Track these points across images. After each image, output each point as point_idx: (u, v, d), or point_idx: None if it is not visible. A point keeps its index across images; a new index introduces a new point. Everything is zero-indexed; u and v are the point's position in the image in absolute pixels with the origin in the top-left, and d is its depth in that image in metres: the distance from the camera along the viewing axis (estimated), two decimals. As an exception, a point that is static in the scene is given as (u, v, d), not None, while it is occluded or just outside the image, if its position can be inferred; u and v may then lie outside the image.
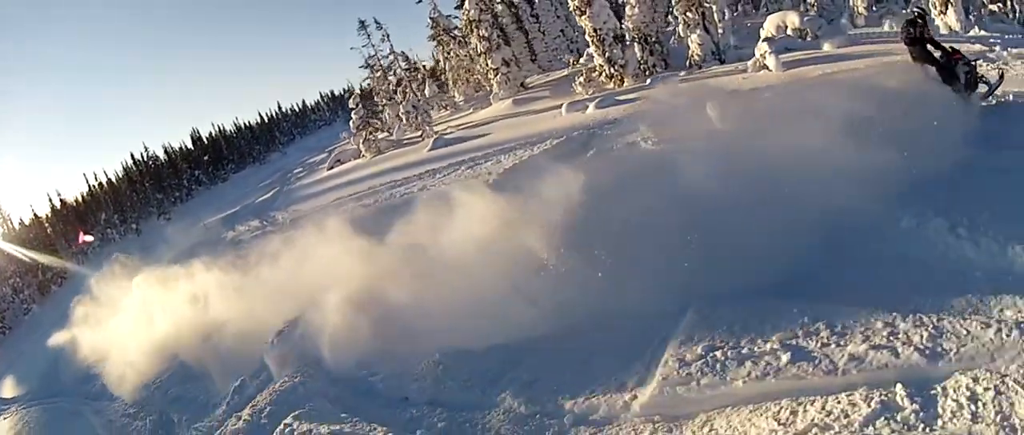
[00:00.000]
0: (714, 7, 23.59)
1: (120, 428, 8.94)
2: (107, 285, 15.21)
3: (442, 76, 33.27)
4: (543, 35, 31.03)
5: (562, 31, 33.58)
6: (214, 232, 25.14)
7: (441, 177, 15.42)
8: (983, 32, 20.50)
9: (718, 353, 5.00)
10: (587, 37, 22.80)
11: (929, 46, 9.87)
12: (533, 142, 14.95)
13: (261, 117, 54.16)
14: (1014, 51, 15.41)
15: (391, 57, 27.55)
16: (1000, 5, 40.56)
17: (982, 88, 10.04)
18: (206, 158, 47.67)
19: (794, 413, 4.51)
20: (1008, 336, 4.73)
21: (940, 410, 4.30)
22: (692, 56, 22.02)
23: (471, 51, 26.87)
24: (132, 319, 12.16)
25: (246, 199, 31.68)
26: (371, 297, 6.65)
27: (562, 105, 18.84)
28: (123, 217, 43.76)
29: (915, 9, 10.74)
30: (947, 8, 22.17)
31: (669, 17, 26.24)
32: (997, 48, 15.50)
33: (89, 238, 41.78)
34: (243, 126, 53.00)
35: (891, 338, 4.93)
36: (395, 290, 6.64)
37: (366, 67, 28.88)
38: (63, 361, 15.02)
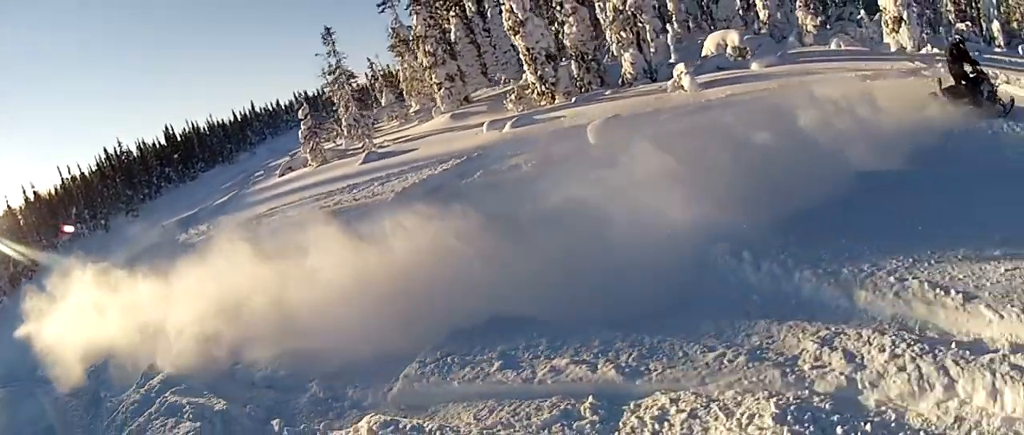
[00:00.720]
0: (648, 27, 25.74)
1: (63, 405, 11.18)
2: (61, 283, 17.36)
3: (400, 86, 35.41)
4: (494, 49, 33.28)
5: (513, 46, 35.91)
6: (170, 233, 27.03)
7: (353, 192, 17.52)
8: (935, 50, 22.69)
9: (449, 359, 6.65)
10: (520, 56, 24.97)
11: (966, 65, 12.51)
12: (442, 161, 17.13)
13: (234, 116, 56.13)
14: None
15: (337, 70, 29.51)
16: (969, 24, 43.08)
17: (998, 106, 12.45)
18: (177, 156, 49.63)
19: (491, 411, 5.79)
20: (731, 362, 5.53)
21: (621, 425, 5.14)
22: (625, 74, 24.16)
23: (418, 64, 29.14)
24: (78, 315, 14.35)
25: (207, 200, 33.22)
26: (241, 306, 8.98)
27: (484, 124, 21.04)
28: (93, 212, 45.61)
29: (956, 36, 15.32)
30: (900, 26, 24.48)
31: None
32: (938, 65, 17.83)
33: (70, 228, 43.10)
34: (216, 124, 54.98)
35: (598, 355, 6.01)
36: (262, 302, 8.96)
37: (323, 76, 31.09)
38: (25, 351, 17.16)
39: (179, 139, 52.57)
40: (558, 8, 25.64)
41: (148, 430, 7.53)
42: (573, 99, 22.52)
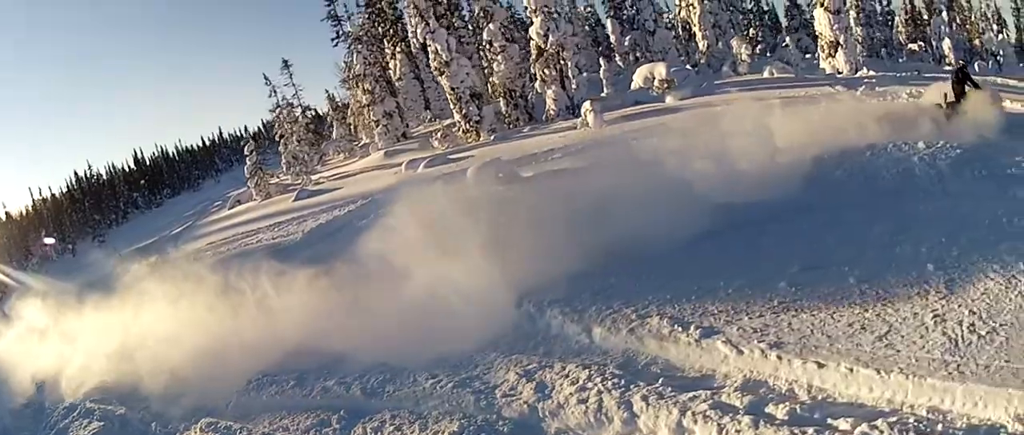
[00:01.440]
0: (570, 63, 28.46)
1: (17, 413, 13.89)
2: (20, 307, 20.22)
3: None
4: (437, 84, 36.11)
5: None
6: (122, 264, 29.60)
7: (273, 231, 20.20)
8: (872, 72, 24.97)
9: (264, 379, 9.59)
10: (446, 95, 27.54)
11: (967, 85, 14.52)
12: (352, 202, 19.73)
13: (203, 141, 58.88)
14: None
15: (280, 108, 32.14)
16: (921, 44, 46.10)
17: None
18: (144, 181, 52.34)
19: (280, 418, 8.27)
20: (442, 388, 7.53)
21: (352, 432, 7.29)
22: (548, 110, 26.71)
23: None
24: (30, 338, 17.24)
25: (167, 229, 35.40)
26: (143, 337, 12.03)
27: (403, 163, 23.84)
28: (62, 236, 48.14)
29: (961, 61, 18.55)
30: (836, 52, 27.09)
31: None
32: (861, 88, 20.39)
33: (50, 240, 45.49)
34: (184, 150, 57.85)
35: (355, 380, 8.35)
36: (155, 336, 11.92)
37: (273, 111, 33.93)
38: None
39: (148, 163, 55.36)
40: (488, 46, 27.99)
41: (69, 430, 10.53)
42: (493, 137, 25.05)
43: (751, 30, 43.16)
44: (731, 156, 13.44)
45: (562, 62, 26.30)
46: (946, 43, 39.03)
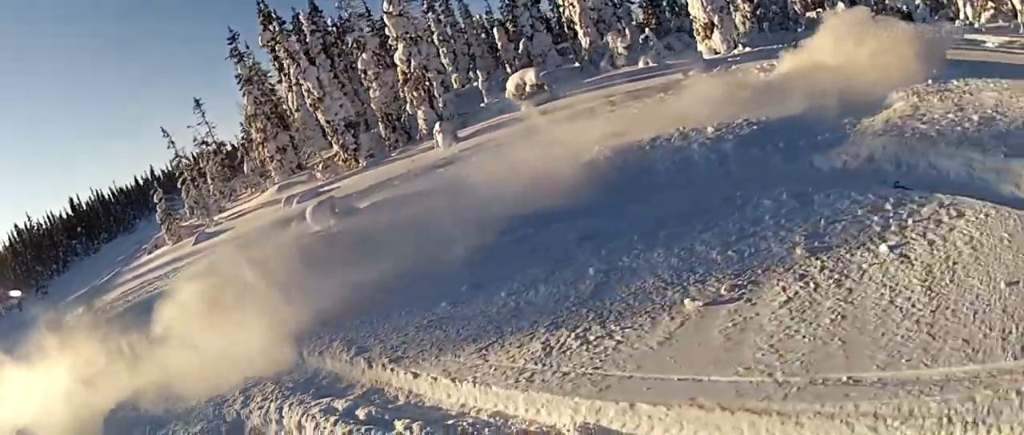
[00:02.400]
0: (436, 84, 31.29)
1: None
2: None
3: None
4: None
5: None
6: (62, 315, 32.38)
7: (166, 279, 22.83)
8: (747, 49, 26.97)
9: None
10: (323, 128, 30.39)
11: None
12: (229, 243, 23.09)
13: (136, 181, 60.92)
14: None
15: (177, 156, 34.78)
16: (819, 12, 48.25)
17: None
18: (81, 228, 54.65)
19: None
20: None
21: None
22: (421, 130, 29.68)
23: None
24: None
25: (99, 277, 37.09)
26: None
27: (283, 198, 26.74)
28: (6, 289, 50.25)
29: None
30: (712, 32, 29.77)
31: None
32: (717, 68, 22.18)
33: (16, 293, 44.66)
34: (118, 191, 60.09)
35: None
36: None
37: (173, 159, 36.56)
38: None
39: (85, 209, 57.62)
40: (363, 74, 30.94)
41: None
42: (365, 163, 28.05)
43: (643, 18, 45.47)
44: (531, 167, 15.71)
45: (428, 83, 28.82)
46: (840, 7, 41.63)
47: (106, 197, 59.02)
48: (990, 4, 32.09)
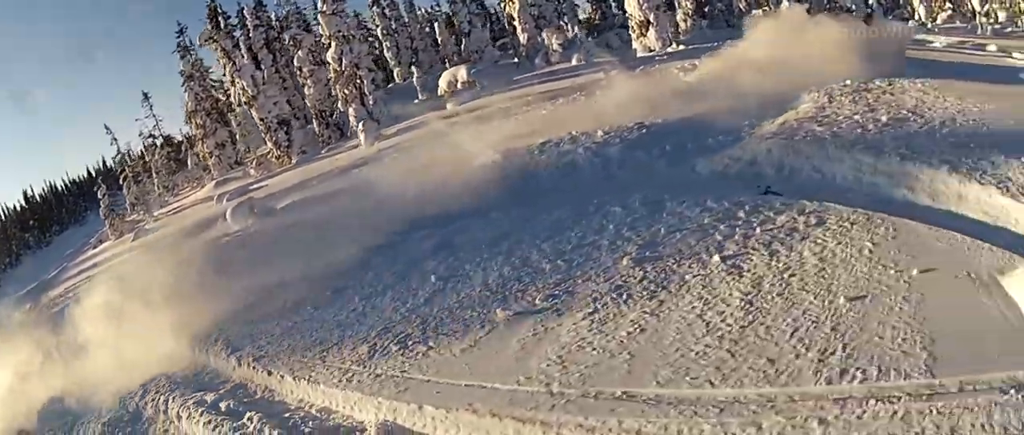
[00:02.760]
0: (366, 80, 31.86)
1: None
2: None
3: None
4: (276, 104, 39.56)
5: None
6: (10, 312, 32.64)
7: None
8: (682, 46, 27.65)
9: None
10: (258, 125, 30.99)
11: None
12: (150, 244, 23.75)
13: (88, 171, 60.05)
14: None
15: (119, 152, 35.25)
16: (765, 9, 48.75)
17: None
18: (33, 221, 54.57)
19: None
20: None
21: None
22: (351, 127, 30.31)
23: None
24: None
25: (47, 272, 36.57)
26: None
27: (216, 195, 27.38)
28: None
29: None
30: (648, 30, 30.38)
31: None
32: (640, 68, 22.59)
33: None
34: (70, 182, 59.71)
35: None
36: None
37: (116, 156, 37.00)
38: None
39: (38, 201, 57.48)
40: (299, 71, 31.56)
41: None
42: (295, 160, 28.74)
43: (590, 13, 45.97)
44: (429, 171, 16.37)
45: (359, 80, 29.47)
46: (784, 5, 42.30)
47: (59, 189, 58.76)
48: (947, 4, 33.07)
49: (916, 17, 33.22)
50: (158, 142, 37.89)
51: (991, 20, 28.25)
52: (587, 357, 7.26)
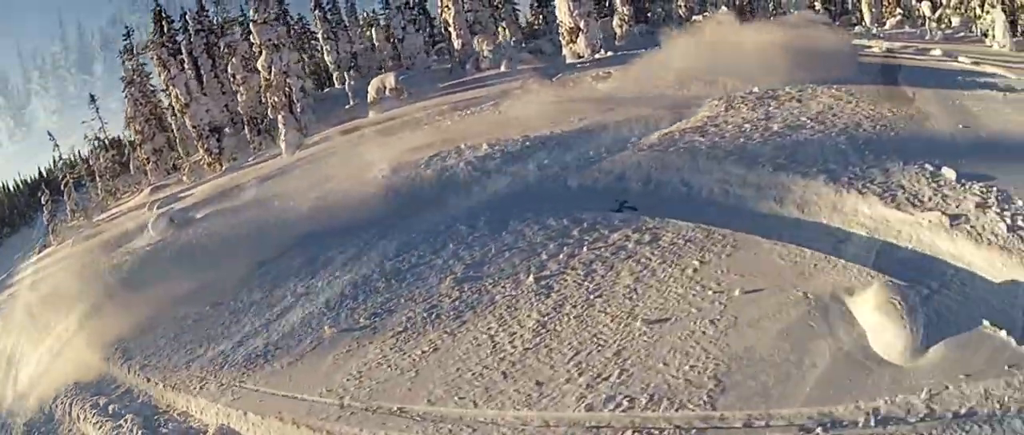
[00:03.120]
0: (296, 88, 32.72)
1: None
2: None
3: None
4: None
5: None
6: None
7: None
8: (609, 53, 28.64)
9: None
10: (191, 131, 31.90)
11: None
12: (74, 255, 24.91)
13: (40, 172, 58.78)
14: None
15: (60, 159, 35.91)
16: (705, 14, 48.65)
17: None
18: (-17, 223, 54.71)
19: None
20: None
21: None
22: (280, 135, 31.35)
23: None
24: None
25: None
26: None
27: (148, 203, 28.29)
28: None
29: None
30: (577, 37, 30.71)
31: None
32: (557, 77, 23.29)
33: None
34: (24, 182, 59.11)
35: None
36: None
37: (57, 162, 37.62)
38: None
39: (-8, 200, 57.39)
40: (233, 78, 32.61)
41: None
42: (224, 167, 29.82)
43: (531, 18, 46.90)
44: (326, 185, 17.21)
45: (288, 88, 30.51)
46: (722, 10, 43.24)
47: (11, 189, 58.67)
48: (898, 10, 33.91)
49: (863, 22, 34.03)
50: (101, 145, 38.55)
51: (944, 25, 28.89)
52: (381, 374, 8.03)
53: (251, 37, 33.44)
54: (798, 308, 6.28)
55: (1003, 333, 5.54)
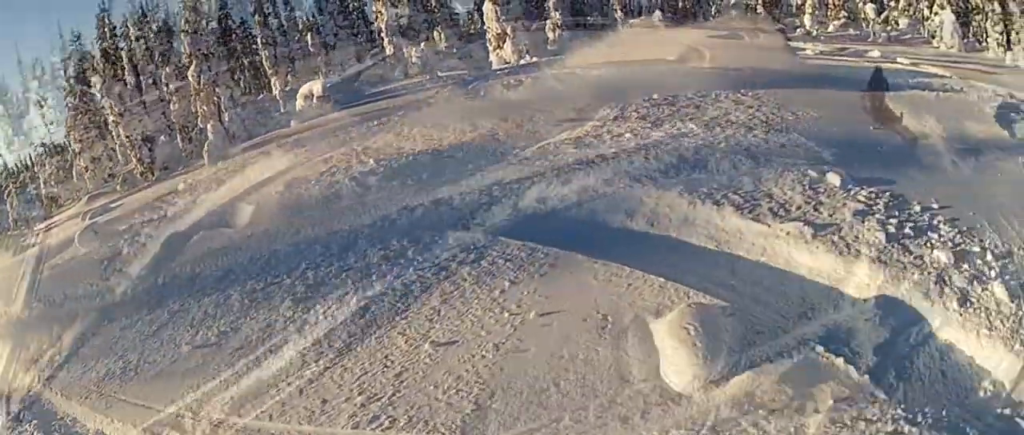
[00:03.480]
0: (224, 97, 33.01)
1: None
2: None
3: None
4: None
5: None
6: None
7: None
8: (534, 59, 29.37)
9: None
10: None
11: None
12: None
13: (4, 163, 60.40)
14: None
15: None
16: (643, 18, 47.90)
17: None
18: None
19: None
20: None
21: None
22: (208, 145, 31.89)
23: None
24: None
25: None
26: None
27: (82, 213, 29.63)
28: None
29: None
30: (504, 43, 31.84)
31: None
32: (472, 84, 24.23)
33: None
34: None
35: None
36: None
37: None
38: None
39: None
40: (165, 87, 33.76)
41: None
42: (154, 177, 31.28)
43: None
44: (227, 201, 18.50)
45: (217, 97, 31.75)
46: (657, 14, 43.73)
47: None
48: (842, 13, 33.02)
49: (804, 26, 33.82)
50: (46, 151, 39.35)
51: (891, 27, 28.91)
52: (214, 388, 9.74)
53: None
54: (589, 333, 6.15)
55: (839, 360, 4.88)
